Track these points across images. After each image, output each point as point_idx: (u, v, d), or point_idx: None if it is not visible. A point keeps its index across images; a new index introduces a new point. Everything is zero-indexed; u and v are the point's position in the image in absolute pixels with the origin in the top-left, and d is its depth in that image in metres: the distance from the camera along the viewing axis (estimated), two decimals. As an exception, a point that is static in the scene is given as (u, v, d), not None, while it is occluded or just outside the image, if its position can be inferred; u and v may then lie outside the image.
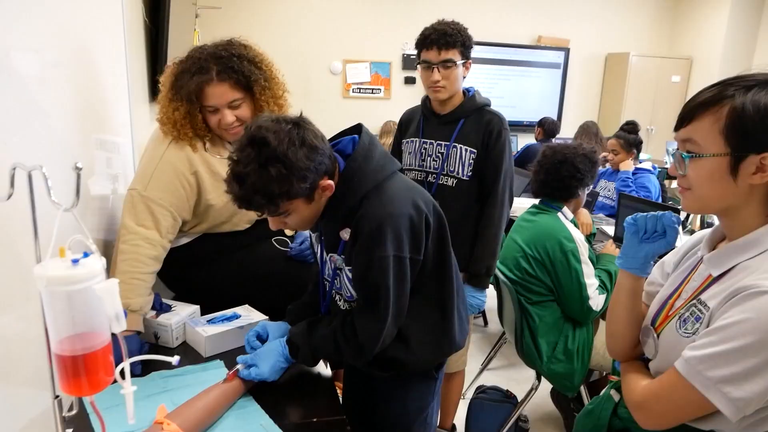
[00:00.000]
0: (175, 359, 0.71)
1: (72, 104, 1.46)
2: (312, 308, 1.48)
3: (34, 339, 0.71)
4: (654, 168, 3.56)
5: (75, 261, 0.63)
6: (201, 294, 1.75)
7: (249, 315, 1.66)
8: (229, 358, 1.51)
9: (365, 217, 1.16)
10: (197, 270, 1.76)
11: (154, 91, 2.64)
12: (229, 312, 1.67)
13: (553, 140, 5.00)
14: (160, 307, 1.62)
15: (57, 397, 0.69)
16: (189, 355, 1.56)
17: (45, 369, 0.68)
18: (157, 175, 1.59)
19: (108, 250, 1.82)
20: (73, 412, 0.71)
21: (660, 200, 3.43)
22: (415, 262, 1.21)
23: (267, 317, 1.64)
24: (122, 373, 0.65)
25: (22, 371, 1.13)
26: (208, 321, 1.60)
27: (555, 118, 5.96)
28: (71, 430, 1.14)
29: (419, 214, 1.19)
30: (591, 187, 2.27)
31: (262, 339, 1.43)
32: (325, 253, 1.33)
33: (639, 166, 3.52)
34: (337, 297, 1.36)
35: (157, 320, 1.58)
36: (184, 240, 1.75)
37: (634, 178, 3.42)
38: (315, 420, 1.24)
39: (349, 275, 1.25)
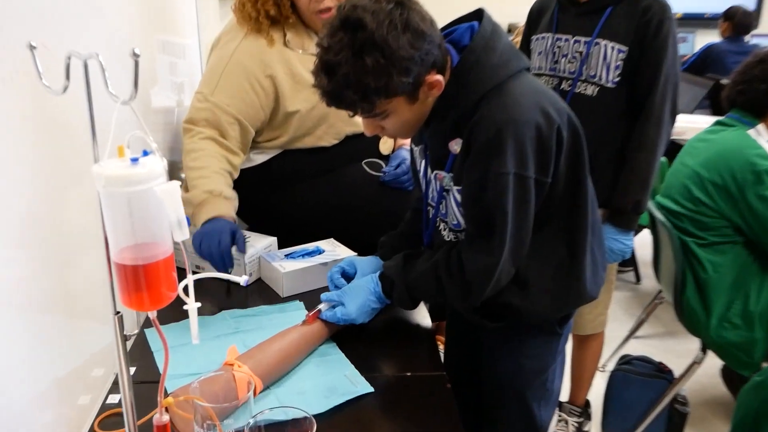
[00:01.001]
0: (243, 279, 0.78)
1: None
2: (410, 240, 1.53)
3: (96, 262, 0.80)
4: None
5: (134, 160, 0.72)
6: (278, 224, 1.86)
7: (334, 250, 1.75)
8: (309, 299, 1.62)
9: (482, 123, 1.16)
10: (274, 194, 1.87)
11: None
12: (310, 246, 1.77)
13: (746, 39, 4.67)
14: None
15: (118, 313, 0.79)
16: (264, 294, 1.68)
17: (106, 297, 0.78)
18: (226, 77, 1.69)
19: (173, 172, 1.98)
20: (135, 332, 0.81)
21: None
22: (540, 184, 1.20)
23: (355, 253, 1.72)
24: (186, 289, 0.73)
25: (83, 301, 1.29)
26: (286, 256, 1.70)
27: (752, 7, 5.51)
28: (134, 368, 1.31)
29: (549, 123, 1.17)
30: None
31: (349, 277, 1.52)
32: (429, 171, 1.36)
33: None
34: (442, 226, 1.39)
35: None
36: (259, 158, 1.85)
37: None
38: (408, 374, 1.31)
39: (458, 198, 1.27)
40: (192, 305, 0.72)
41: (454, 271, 1.28)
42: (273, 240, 1.77)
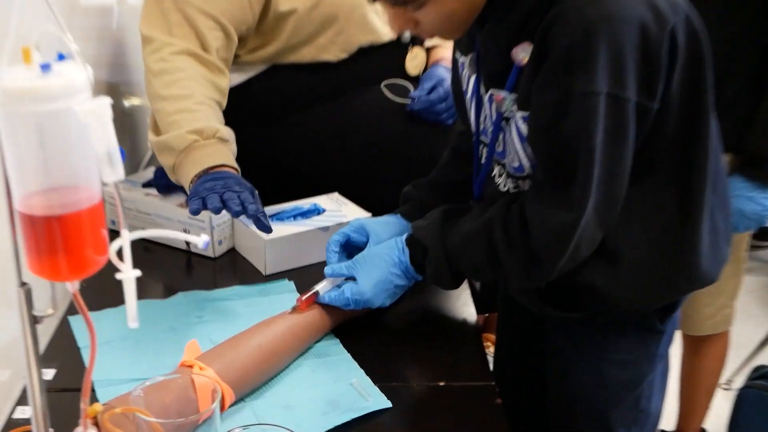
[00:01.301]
0: (202, 240, 0.79)
1: None
2: (447, 192, 1.54)
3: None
4: None
5: (45, 67, 0.71)
6: (260, 172, 1.84)
7: (338, 209, 1.75)
8: (302, 277, 1.63)
9: (562, 20, 1.14)
10: (255, 129, 1.87)
11: None
12: (305, 203, 1.77)
13: None
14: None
15: (24, 284, 0.80)
16: (239, 270, 1.70)
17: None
18: None
19: (115, 97, 1.99)
20: (50, 313, 0.82)
21: None
22: (644, 111, 1.18)
23: (368, 214, 1.72)
24: (120, 253, 0.74)
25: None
26: (270, 217, 1.71)
27: None
28: (52, 370, 1.33)
29: (660, 24, 1.14)
30: None
31: (358, 247, 1.52)
32: (482, 90, 1.36)
33: None
34: (498, 170, 1.39)
35: (188, 211, 1.72)
36: (235, 78, 1.86)
37: None
38: (442, 384, 1.33)
39: (523, 129, 1.26)
40: (129, 273, 0.72)
41: (515, 234, 1.28)
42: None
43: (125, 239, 0.73)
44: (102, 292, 1.51)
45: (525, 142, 1.27)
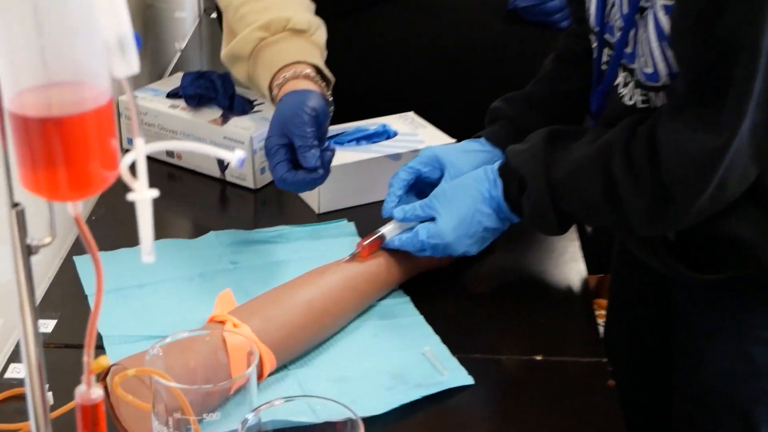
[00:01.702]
0: (236, 156, 0.77)
1: None
2: (549, 108, 1.54)
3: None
4: None
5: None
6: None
7: (414, 133, 1.76)
8: (365, 217, 1.64)
9: None
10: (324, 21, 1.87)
11: None
12: (372, 123, 1.78)
13: None
14: (229, 104, 1.77)
15: (16, 205, 0.80)
16: (286, 206, 1.73)
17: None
18: None
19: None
20: (48, 242, 0.82)
21: None
22: None
23: (453, 140, 1.72)
24: (133, 168, 0.73)
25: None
26: (328, 140, 1.69)
27: None
28: (53, 321, 1.34)
29: None
30: None
31: (431, 184, 1.51)
32: None
33: None
34: (622, 77, 1.38)
35: (224, 128, 1.71)
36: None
37: None
38: (539, 359, 1.33)
39: (664, 23, 1.24)
40: (143, 192, 0.72)
41: (641, 163, 1.26)
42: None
43: (140, 150, 0.72)
44: (116, 227, 1.54)
45: (665, 41, 1.25)
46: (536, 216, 1.39)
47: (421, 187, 1.53)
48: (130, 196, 0.73)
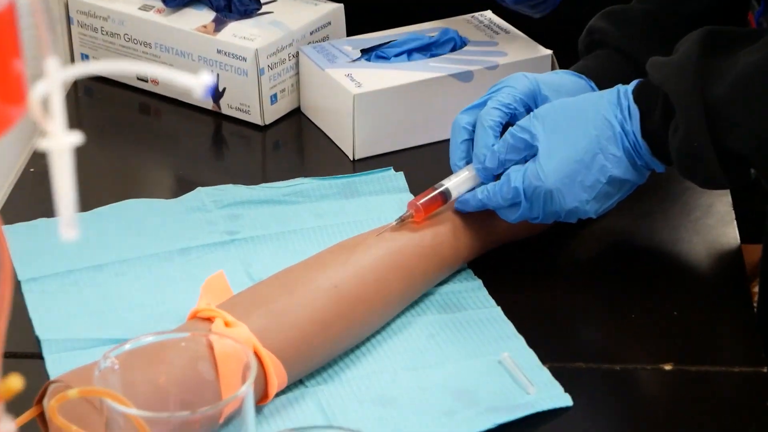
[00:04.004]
0: (201, 83, 0.74)
1: None
2: (672, 26, 1.53)
3: None
4: None
5: None
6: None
7: (492, 41, 1.75)
8: (419, 164, 1.64)
9: None
10: None
11: None
12: (431, 29, 1.78)
13: None
14: (225, 2, 1.77)
15: None
16: (307, 150, 1.75)
17: None
18: None
19: None
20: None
21: None
22: None
23: (549, 52, 1.73)
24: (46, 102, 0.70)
25: None
26: (367, 52, 1.73)
27: None
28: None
29: None
30: None
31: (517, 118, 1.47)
32: None
33: None
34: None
35: (217, 37, 1.73)
36: None
37: None
38: (669, 368, 1.29)
39: None
40: (61, 139, 0.69)
41: None
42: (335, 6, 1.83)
43: (54, 77, 0.68)
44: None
45: None
46: (687, 155, 1.35)
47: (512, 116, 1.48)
48: (41, 144, 0.70)
